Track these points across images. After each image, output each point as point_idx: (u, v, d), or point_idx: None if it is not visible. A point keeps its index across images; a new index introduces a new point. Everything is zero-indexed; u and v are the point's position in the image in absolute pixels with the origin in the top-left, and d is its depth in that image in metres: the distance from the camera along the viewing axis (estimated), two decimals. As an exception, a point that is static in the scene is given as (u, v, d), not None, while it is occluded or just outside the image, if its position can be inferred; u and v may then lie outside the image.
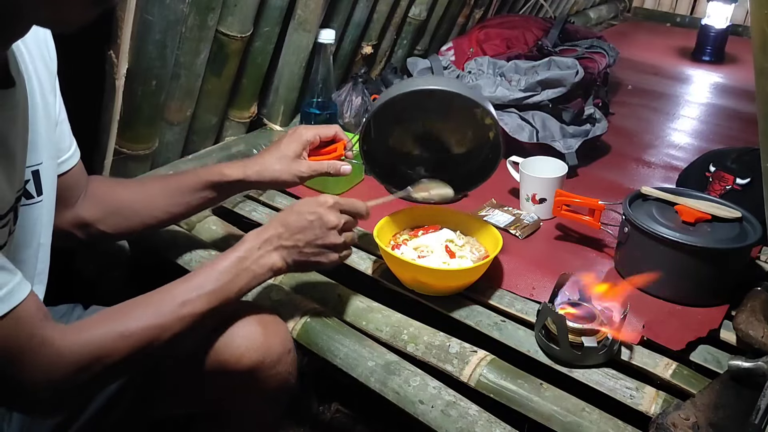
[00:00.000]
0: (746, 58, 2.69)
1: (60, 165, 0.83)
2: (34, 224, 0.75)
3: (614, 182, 1.50)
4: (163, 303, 0.72)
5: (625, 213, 1.08)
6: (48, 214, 0.78)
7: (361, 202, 0.91)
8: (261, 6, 1.34)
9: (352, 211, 0.89)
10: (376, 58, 1.86)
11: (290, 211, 0.86)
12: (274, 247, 0.83)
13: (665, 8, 3.40)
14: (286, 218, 0.85)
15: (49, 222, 0.78)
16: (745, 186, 1.25)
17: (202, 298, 0.74)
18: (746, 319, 0.93)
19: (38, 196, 0.75)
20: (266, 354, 0.82)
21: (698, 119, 2.05)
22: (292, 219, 0.84)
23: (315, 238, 0.84)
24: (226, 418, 0.88)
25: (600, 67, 1.71)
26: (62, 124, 0.83)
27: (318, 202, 0.86)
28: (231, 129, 1.51)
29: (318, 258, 0.86)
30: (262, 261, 0.81)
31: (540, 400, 0.83)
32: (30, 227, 0.74)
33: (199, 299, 0.74)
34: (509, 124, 1.52)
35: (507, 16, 2.07)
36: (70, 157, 0.86)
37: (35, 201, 0.74)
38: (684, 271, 1.02)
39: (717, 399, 0.79)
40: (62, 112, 0.83)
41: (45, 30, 0.76)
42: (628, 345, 0.93)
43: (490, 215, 1.26)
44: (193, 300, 0.74)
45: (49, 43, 0.78)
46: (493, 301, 1.04)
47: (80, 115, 1.10)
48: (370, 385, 0.88)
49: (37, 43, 0.75)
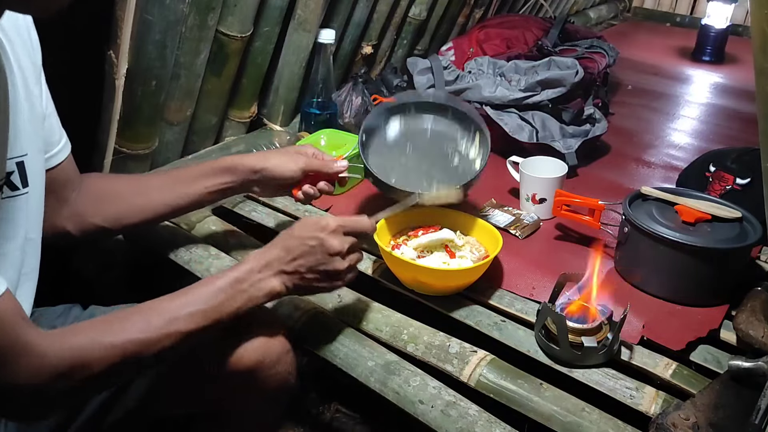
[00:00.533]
0: (746, 58, 2.68)
1: (49, 159, 0.82)
2: (19, 217, 0.73)
3: (614, 182, 1.50)
4: (151, 317, 0.70)
5: (625, 213, 1.08)
6: (36, 207, 0.76)
7: (366, 219, 0.88)
8: (261, 6, 1.35)
9: (356, 231, 0.85)
10: (376, 58, 1.86)
11: (290, 235, 0.83)
12: (275, 272, 0.80)
13: (665, 8, 3.40)
14: (287, 242, 0.82)
15: (37, 216, 0.77)
16: (745, 186, 1.25)
17: (192, 316, 0.72)
18: (746, 319, 0.93)
19: (24, 188, 0.73)
20: (266, 354, 0.82)
21: (698, 119, 2.05)
22: (294, 244, 0.81)
23: (317, 264, 0.81)
24: (226, 418, 0.88)
25: (600, 67, 1.71)
26: (50, 117, 0.82)
27: (319, 226, 0.82)
28: (231, 129, 1.51)
29: (321, 284, 0.83)
30: (261, 285, 0.79)
31: (540, 400, 0.83)
32: (14, 219, 0.73)
33: (189, 317, 0.72)
34: (509, 124, 1.52)
35: (507, 16, 2.07)
36: (59, 150, 0.84)
37: (21, 193, 0.73)
38: (684, 271, 1.02)
39: (717, 399, 0.79)
40: (50, 105, 0.81)
41: (27, 20, 0.75)
42: (628, 345, 0.93)
43: (490, 215, 1.26)
44: (183, 317, 0.71)
45: (32, 34, 0.76)
46: (493, 301, 1.04)
47: (80, 115, 1.10)
48: (370, 385, 0.88)
49: (19, 34, 0.73)
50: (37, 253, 0.79)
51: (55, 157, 0.84)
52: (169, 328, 0.70)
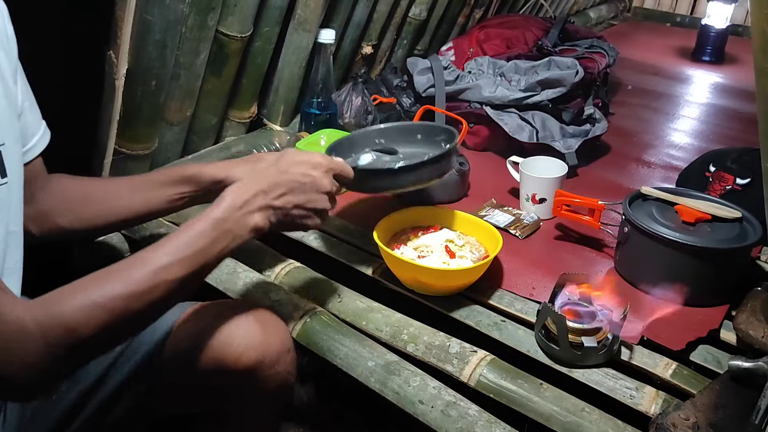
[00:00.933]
0: (746, 58, 2.68)
1: (24, 154, 0.80)
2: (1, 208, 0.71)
3: (614, 182, 1.50)
4: (133, 271, 0.67)
5: (625, 213, 1.08)
6: (17, 199, 0.74)
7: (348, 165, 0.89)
8: (261, 6, 1.35)
9: (341, 176, 0.86)
10: (376, 58, 1.86)
11: (277, 169, 0.80)
12: (259, 207, 0.77)
13: (665, 8, 3.40)
14: (275, 177, 0.79)
15: (18, 208, 0.75)
16: (745, 186, 1.25)
17: (178, 263, 0.69)
18: (746, 319, 0.93)
19: (3, 178, 0.71)
20: (265, 353, 0.81)
21: (698, 119, 2.05)
22: (284, 179, 0.79)
23: (306, 202, 0.80)
24: (226, 418, 0.88)
25: (600, 67, 1.71)
26: (26, 111, 0.80)
27: (312, 164, 0.82)
28: (231, 129, 1.51)
29: (303, 221, 0.82)
30: (244, 221, 0.76)
31: (540, 400, 0.84)
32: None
33: (174, 265, 0.68)
34: (509, 124, 1.52)
35: (507, 16, 2.07)
36: (33, 146, 0.82)
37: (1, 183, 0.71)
38: (684, 271, 1.02)
39: (717, 399, 0.79)
40: (26, 100, 0.79)
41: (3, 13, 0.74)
42: (628, 345, 0.93)
43: (490, 215, 1.26)
44: (166, 267, 0.68)
45: (7, 27, 0.75)
46: (493, 301, 1.04)
47: (80, 115, 1.10)
48: (370, 385, 0.88)
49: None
50: (19, 246, 0.76)
51: (28, 153, 0.82)
52: (153, 279, 0.67)
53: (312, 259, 1.14)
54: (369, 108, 1.56)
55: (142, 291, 0.66)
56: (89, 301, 0.63)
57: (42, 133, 0.84)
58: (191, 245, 0.71)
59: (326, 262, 1.14)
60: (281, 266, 1.10)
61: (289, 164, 0.81)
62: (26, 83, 0.80)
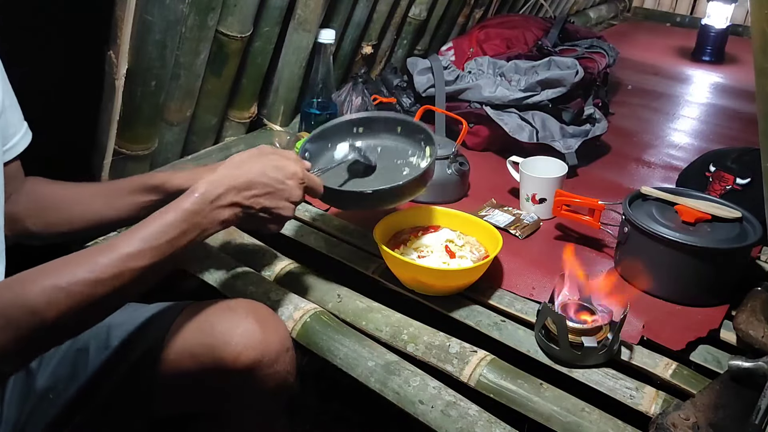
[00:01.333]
0: (746, 58, 2.69)
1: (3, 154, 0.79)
2: None
3: (614, 182, 1.50)
4: (99, 257, 0.67)
5: (625, 213, 1.08)
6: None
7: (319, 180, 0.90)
8: (261, 6, 1.35)
9: (313, 190, 0.88)
10: (376, 58, 1.86)
11: (251, 169, 0.81)
12: (229, 203, 0.78)
13: (665, 8, 3.40)
14: (251, 176, 0.80)
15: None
16: (745, 186, 1.25)
17: (145, 252, 0.69)
18: (746, 319, 0.93)
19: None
20: (264, 352, 0.81)
21: (698, 119, 2.05)
22: (260, 181, 0.80)
23: (274, 207, 0.81)
24: (226, 417, 0.88)
25: (600, 67, 1.71)
26: (7, 112, 0.79)
27: (289, 173, 0.83)
28: (231, 129, 1.51)
29: (266, 224, 0.83)
30: (214, 215, 0.76)
31: (540, 400, 0.83)
32: None
33: (142, 253, 0.69)
34: (509, 124, 1.52)
35: (507, 16, 2.07)
36: (12, 147, 0.82)
37: None
38: (684, 271, 1.02)
39: (717, 399, 0.79)
40: (7, 99, 0.79)
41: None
42: (628, 345, 0.93)
43: (490, 215, 1.26)
44: (133, 255, 0.68)
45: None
46: (493, 301, 1.04)
47: (80, 116, 1.09)
48: (370, 385, 0.88)
49: None
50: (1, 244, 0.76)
51: (7, 153, 0.81)
52: (120, 266, 0.67)
53: (312, 259, 1.14)
54: (369, 108, 1.56)
55: (106, 277, 0.66)
56: (52, 285, 0.64)
57: (23, 134, 0.84)
58: (160, 235, 0.71)
59: (326, 262, 1.14)
60: (281, 266, 1.10)
61: (267, 167, 0.82)
62: (7, 83, 0.79)
